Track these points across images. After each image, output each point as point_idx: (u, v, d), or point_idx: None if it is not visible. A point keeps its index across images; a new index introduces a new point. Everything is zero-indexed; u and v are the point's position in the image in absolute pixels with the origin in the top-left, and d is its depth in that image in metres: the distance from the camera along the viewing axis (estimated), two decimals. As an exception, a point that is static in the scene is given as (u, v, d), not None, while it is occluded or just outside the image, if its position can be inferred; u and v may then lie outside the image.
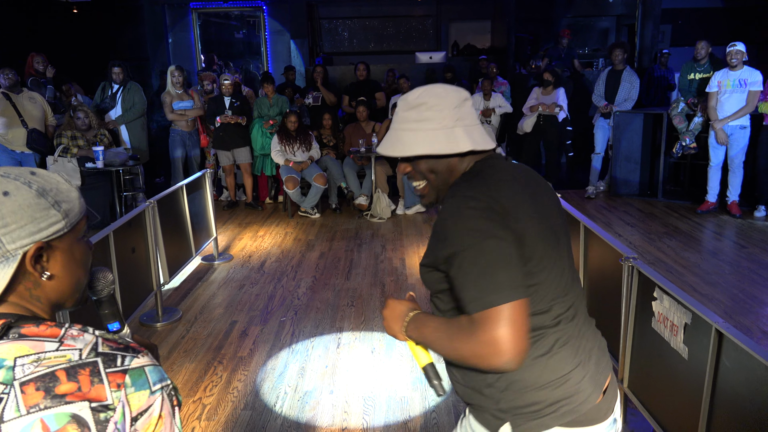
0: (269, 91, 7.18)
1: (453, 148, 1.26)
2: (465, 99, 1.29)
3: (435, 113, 1.26)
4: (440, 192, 1.34)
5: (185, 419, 2.88)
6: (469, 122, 1.29)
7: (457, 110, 1.27)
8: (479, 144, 1.28)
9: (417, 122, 1.27)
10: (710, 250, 5.35)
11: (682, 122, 6.54)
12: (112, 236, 3.34)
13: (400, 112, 1.30)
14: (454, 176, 1.32)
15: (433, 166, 1.31)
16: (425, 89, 1.29)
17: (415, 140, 1.27)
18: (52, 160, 6.23)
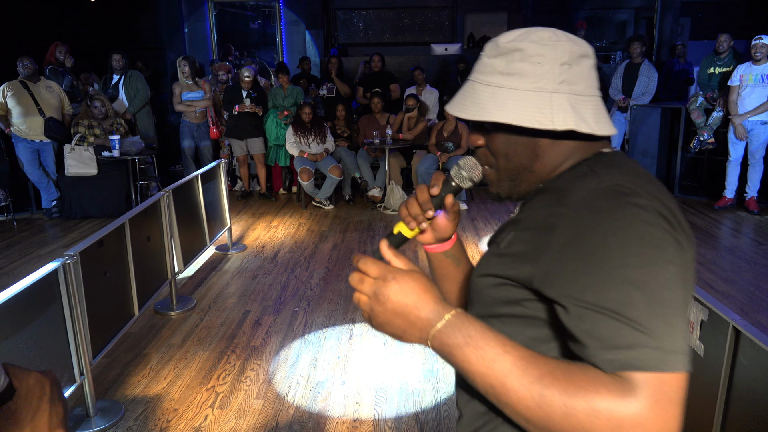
0: (284, 81, 7.19)
1: (543, 120, 0.86)
2: (582, 55, 0.89)
3: (531, 67, 0.87)
4: (516, 184, 0.95)
5: (198, 407, 2.91)
6: (581, 90, 0.88)
7: (566, 69, 0.87)
8: (589, 124, 0.87)
9: (504, 76, 0.89)
10: (727, 247, 5.29)
11: (701, 117, 6.46)
12: (128, 225, 3.37)
13: (485, 57, 0.92)
14: (539, 168, 0.92)
15: (509, 145, 0.92)
16: (526, 31, 0.91)
17: (496, 101, 0.88)
18: (69, 148, 6.29)
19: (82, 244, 2.82)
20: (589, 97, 0.90)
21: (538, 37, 0.89)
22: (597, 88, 0.92)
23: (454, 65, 8.74)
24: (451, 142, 6.69)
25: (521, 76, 0.88)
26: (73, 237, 5.76)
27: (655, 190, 0.81)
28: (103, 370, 3.27)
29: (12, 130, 6.29)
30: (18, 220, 6.32)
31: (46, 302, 2.52)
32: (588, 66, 0.91)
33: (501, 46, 0.91)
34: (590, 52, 0.91)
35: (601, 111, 0.91)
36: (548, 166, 0.93)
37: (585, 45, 0.91)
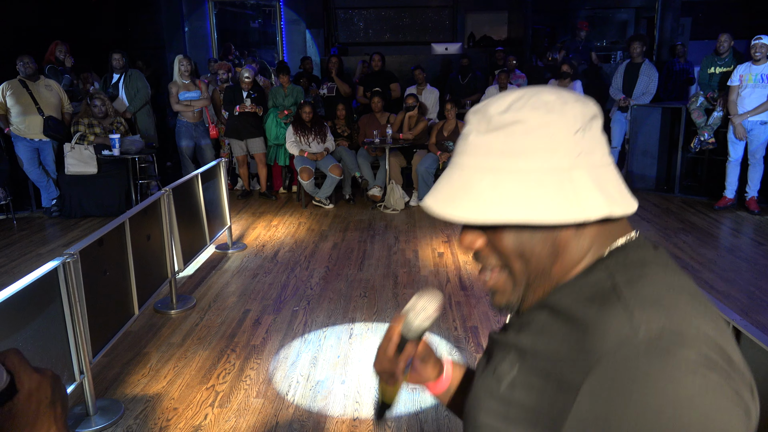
0: (284, 81, 7.19)
1: (571, 210, 0.67)
2: (592, 117, 0.71)
3: (540, 141, 0.68)
4: (530, 292, 0.75)
5: (198, 406, 2.91)
6: (598, 160, 0.70)
7: (580, 137, 0.69)
8: (620, 204, 0.69)
9: (506, 157, 0.69)
10: (727, 247, 5.29)
11: (701, 117, 6.46)
12: (128, 223, 3.36)
13: (473, 134, 0.72)
14: (557, 271, 0.72)
15: (523, 244, 0.71)
16: (522, 95, 0.71)
17: (501, 192, 0.68)
18: (69, 147, 6.29)
19: (82, 243, 2.82)
20: (607, 167, 0.71)
21: (541, 102, 0.69)
22: (609, 154, 0.73)
23: (456, 63, 8.74)
24: (451, 142, 6.69)
25: (529, 154, 0.68)
26: (73, 236, 5.75)
27: (703, 319, 0.62)
28: (103, 369, 3.27)
29: (11, 129, 6.29)
30: (18, 219, 6.31)
31: (46, 301, 2.52)
32: (599, 129, 0.73)
33: (494, 118, 0.70)
34: (598, 111, 0.73)
35: (620, 182, 0.72)
36: (567, 266, 0.72)
37: (592, 104, 0.73)
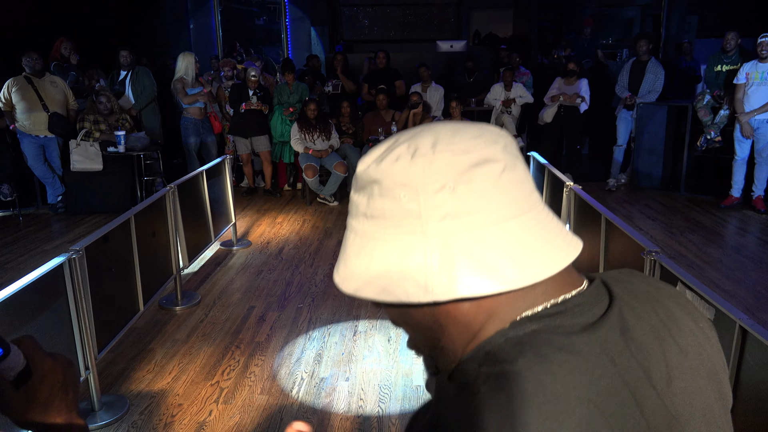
0: (289, 78, 7.19)
1: (413, 290, 0.58)
2: (476, 163, 0.57)
3: (393, 204, 0.59)
4: (438, 359, 0.65)
5: (203, 402, 2.92)
6: (485, 220, 0.57)
7: (447, 195, 0.57)
8: (502, 275, 0.57)
9: (367, 221, 0.61)
10: (733, 246, 5.27)
11: (708, 115, 6.43)
12: (134, 220, 3.37)
13: (352, 191, 0.65)
14: (448, 345, 0.62)
15: (404, 315, 0.64)
16: (391, 144, 0.61)
17: (362, 261, 0.61)
18: (75, 144, 6.30)
19: (88, 240, 2.83)
20: (501, 224, 0.57)
21: (397, 155, 0.59)
22: (521, 205, 0.58)
23: (460, 62, 8.72)
24: (456, 140, 6.67)
25: (384, 218, 0.59)
26: (79, 232, 5.77)
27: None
28: (108, 365, 3.28)
29: (17, 125, 6.30)
30: (24, 215, 6.34)
31: (52, 297, 2.53)
32: (491, 176, 0.57)
33: (357, 177, 0.62)
34: (492, 152, 0.58)
35: (529, 240, 0.58)
36: (459, 341, 0.61)
37: (482, 144, 0.58)
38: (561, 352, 0.55)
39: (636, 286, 0.65)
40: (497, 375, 0.54)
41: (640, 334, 0.60)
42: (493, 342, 0.58)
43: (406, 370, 3.21)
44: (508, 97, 7.61)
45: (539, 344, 0.55)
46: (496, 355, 0.56)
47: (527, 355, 0.54)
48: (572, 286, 0.62)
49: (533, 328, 0.57)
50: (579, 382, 0.53)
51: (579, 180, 4.85)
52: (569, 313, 0.59)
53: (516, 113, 7.66)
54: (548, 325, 0.57)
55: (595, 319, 0.59)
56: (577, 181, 3.82)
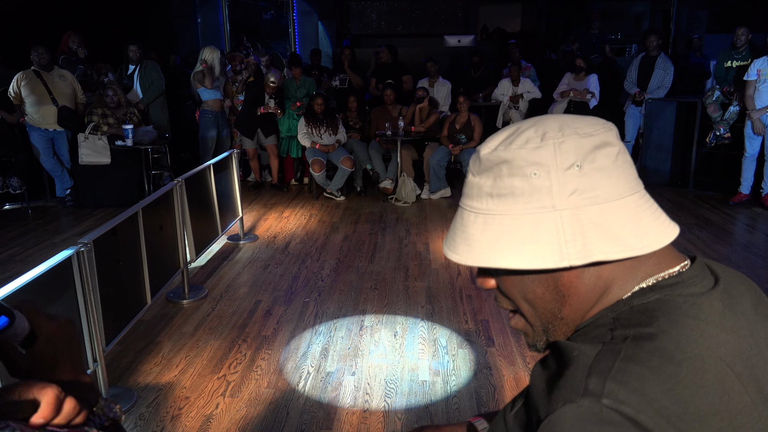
0: (296, 73, 7.19)
1: (550, 256, 0.64)
2: (597, 146, 0.65)
3: (525, 181, 0.65)
4: (551, 333, 0.71)
5: (209, 395, 2.93)
6: (605, 195, 0.64)
7: (576, 173, 0.64)
8: (626, 243, 0.63)
9: (494, 199, 0.66)
10: (742, 243, 5.24)
11: (717, 111, 6.38)
12: (141, 214, 3.38)
13: (470, 174, 0.71)
14: (569, 314, 0.69)
15: (525, 288, 0.70)
16: (515, 129, 0.69)
17: (488, 236, 0.66)
18: (83, 137, 6.33)
19: (96, 233, 2.84)
20: (620, 200, 0.64)
21: (528, 138, 0.65)
22: (632, 184, 0.65)
23: (467, 58, 8.69)
24: (463, 135, 6.66)
25: (515, 196, 0.65)
26: (87, 225, 5.80)
27: (680, 396, 0.56)
28: (116, 358, 3.30)
29: (26, 119, 6.33)
30: (32, 208, 6.37)
31: (60, 289, 2.54)
32: (610, 157, 0.65)
33: (483, 159, 0.68)
34: (609, 137, 0.66)
35: (643, 215, 0.64)
36: (580, 308, 0.68)
37: (601, 129, 0.66)
38: (690, 318, 0.61)
39: (728, 269, 0.72)
40: (635, 336, 0.60)
41: (745, 308, 0.67)
42: (618, 309, 0.65)
43: (412, 365, 3.21)
44: (515, 93, 7.58)
45: (669, 311, 0.62)
46: (627, 320, 0.63)
47: (660, 320, 0.61)
48: (678, 261, 0.69)
49: (657, 297, 0.64)
50: (710, 343, 0.60)
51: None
52: (685, 284, 0.65)
53: (523, 109, 7.63)
54: (669, 294, 0.64)
55: (706, 290, 0.65)
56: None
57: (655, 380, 0.57)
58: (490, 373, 3.09)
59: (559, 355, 0.65)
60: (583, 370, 0.59)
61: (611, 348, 0.60)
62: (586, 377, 0.58)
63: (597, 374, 0.58)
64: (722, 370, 0.59)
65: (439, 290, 4.16)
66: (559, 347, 0.65)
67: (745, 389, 0.59)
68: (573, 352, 0.63)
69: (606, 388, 0.57)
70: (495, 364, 3.17)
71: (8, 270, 4.60)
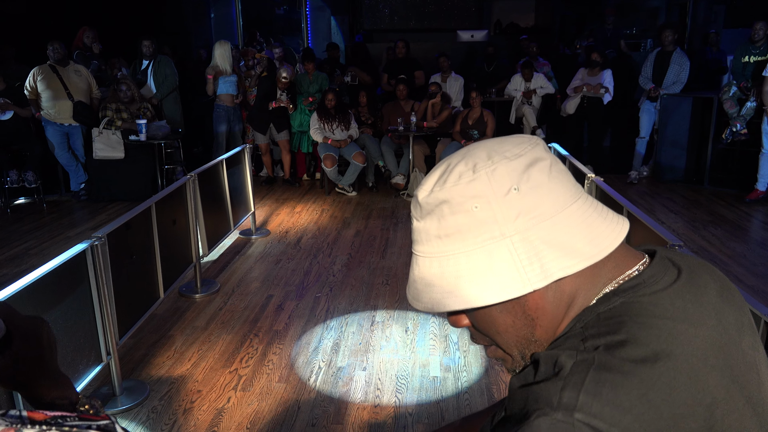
0: (309, 68, 7.18)
1: (513, 285, 0.64)
2: (529, 164, 0.64)
3: (468, 217, 0.64)
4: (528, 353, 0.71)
5: (221, 389, 2.95)
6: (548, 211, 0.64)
7: (515, 196, 0.63)
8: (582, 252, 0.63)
9: (442, 240, 0.66)
10: (758, 241, 5.17)
11: (734, 107, 6.30)
12: (154, 208, 3.40)
13: (414, 221, 0.70)
14: (541, 335, 0.69)
15: (494, 319, 0.69)
16: (446, 167, 0.67)
17: (447, 277, 0.66)
18: (97, 132, 6.38)
19: (110, 227, 2.86)
20: (564, 211, 0.64)
21: (458, 173, 0.65)
22: (572, 192, 0.65)
23: (481, 53, 8.64)
24: (476, 130, 6.63)
25: (462, 233, 0.64)
26: (101, 219, 5.85)
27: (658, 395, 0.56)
28: (129, 351, 3.32)
29: (42, 113, 6.39)
30: (47, 202, 6.44)
31: (75, 283, 2.56)
32: (544, 172, 0.64)
33: (422, 203, 0.67)
34: (538, 152, 0.65)
35: (591, 220, 0.64)
36: (551, 327, 0.68)
37: (528, 147, 0.65)
38: (656, 318, 0.62)
39: (689, 259, 0.72)
40: (607, 345, 0.60)
41: (710, 296, 0.67)
42: (585, 318, 0.65)
43: (423, 360, 3.21)
44: (528, 88, 7.53)
45: (635, 314, 0.62)
46: (596, 329, 0.63)
47: (628, 324, 0.61)
48: (636, 259, 0.69)
49: (621, 300, 0.64)
50: (680, 340, 0.60)
51: (600, 172, 4.79)
52: (647, 284, 0.65)
53: (537, 104, 7.58)
54: (633, 296, 0.64)
55: (668, 285, 0.65)
56: (598, 173, 3.77)
57: (629, 387, 0.57)
58: (501, 370, 3.08)
59: (536, 366, 0.64)
60: (557, 382, 0.59)
61: (584, 358, 0.60)
62: (560, 390, 0.58)
63: (571, 387, 0.58)
64: (695, 366, 0.59)
65: (451, 286, 4.14)
66: (536, 358, 0.65)
67: (721, 380, 0.60)
68: (548, 363, 0.62)
69: (579, 401, 0.57)
70: (506, 361, 3.16)
71: (23, 263, 4.65)
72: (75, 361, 2.52)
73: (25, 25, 7.49)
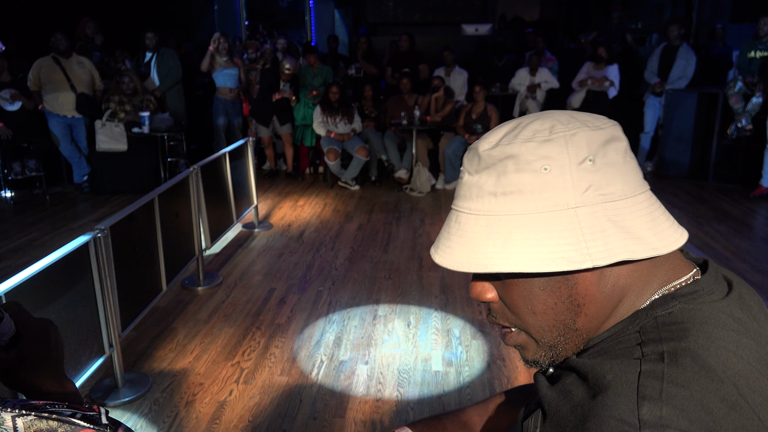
0: (311, 60, 7.16)
1: (573, 255, 0.58)
2: (607, 140, 0.60)
3: (535, 177, 0.59)
4: (558, 351, 0.65)
5: (223, 382, 2.95)
6: (619, 192, 0.59)
7: (589, 168, 0.59)
8: (647, 242, 0.59)
9: (498, 198, 0.60)
10: (762, 237, 5.15)
11: (739, 102, 6.26)
12: (157, 200, 3.40)
13: (466, 174, 0.64)
14: (584, 324, 0.63)
15: (533, 296, 0.63)
16: (518, 123, 0.63)
17: (494, 238, 0.60)
18: (100, 124, 6.37)
19: (113, 219, 2.86)
20: (633, 197, 0.59)
21: (533, 131, 0.60)
22: (641, 182, 0.61)
23: (485, 44, 8.60)
24: (479, 125, 6.61)
25: (523, 194, 0.59)
26: (104, 211, 5.85)
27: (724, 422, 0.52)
28: (132, 343, 3.33)
29: (45, 105, 6.39)
30: (51, 194, 6.44)
31: (78, 275, 2.56)
32: (620, 152, 0.60)
33: (483, 155, 0.61)
34: (617, 131, 0.62)
35: (657, 214, 0.60)
36: (596, 318, 0.62)
37: (608, 124, 0.62)
38: (720, 329, 0.58)
39: (732, 274, 0.68)
40: (672, 353, 0.56)
41: (755, 313, 0.63)
42: (640, 320, 0.60)
43: (425, 355, 3.20)
44: (533, 82, 7.50)
45: (699, 322, 0.58)
46: (656, 334, 0.58)
47: (693, 332, 0.57)
48: (690, 267, 0.65)
49: (680, 306, 0.60)
50: (746, 356, 0.57)
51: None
52: (705, 292, 0.61)
53: (541, 99, 7.55)
54: (693, 303, 0.60)
55: (722, 297, 0.62)
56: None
57: (711, 405, 0.52)
58: (503, 365, 3.08)
59: (584, 378, 0.58)
60: (629, 397, 0.53)
61: (651, 369, 0.55)
62: (636, 406, 0.52)
63: (649, 401, 0.52)
64: (764, 385, 0.56)
65: (453, 281, 4.14)
66: (582, 369, 0.59)
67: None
68: (606, 376, 0.56)
69: (664, 417, 0.51)
70: (509, 356, 3.15)
71: (26, 255, 4.66)
72: (78, 353, 2.53)
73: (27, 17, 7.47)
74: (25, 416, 0.52)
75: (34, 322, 0.73)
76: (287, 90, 6.89)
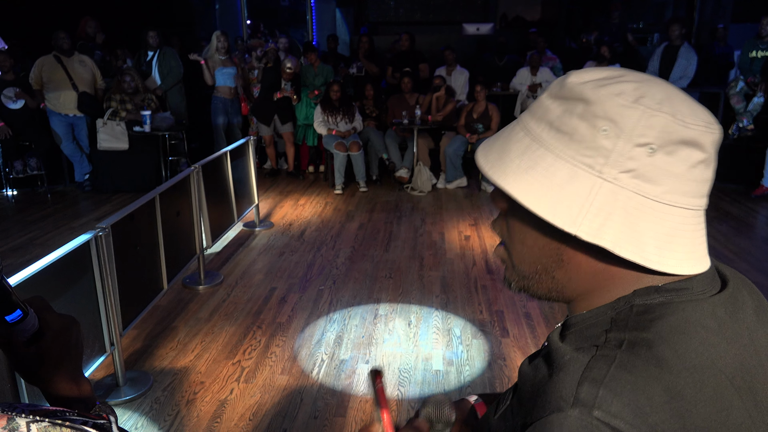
0: (312, 59, 7.16)
1: (563, 214, 0.57)
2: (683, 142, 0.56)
3: (590, 131, 0.57)
4: (529, 282, 0.67)
5: (224, 380, 2.95)
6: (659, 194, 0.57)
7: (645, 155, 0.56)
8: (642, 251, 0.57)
9: (551, 130, 0.60)
10: (763, 237, 5.15)
11: (741, 102, 6.26)
12: (158, 199, 3.40)
13: (545, 95, 0.63)
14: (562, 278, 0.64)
15: (526, 233, 0.65)
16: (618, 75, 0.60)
17: (522, 162, 0.60)
18: (102, 123, 6.37)
19: (114, 217, 2.86)
20: (667, 206, 0.57)
21: (621, 90, 0.57)
22: (690, 200, 0.58)
23: (487, 43, 8.59)
24: (480, 124, 6.61)
25: (572, 139, 0.58)
26: (105, 210, 5.86)
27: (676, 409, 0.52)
28: (133, 342, 3.33)
29: (46, 104, 6.39)
30: (52, 193, 6.45)
31: (79, 273, 2.57)
32: (688, 160, 0.56)
33: (566, 86, 0.60)
34: (704, 139, 0.57)
35: (679, 235, 0.57)
36: (576, 284, 0.63)
37: (700, 127, 0.57)
38: (690, 324, 0.57)
39: (734, 272, 0.67)
40: (631, 341, 0.57)
41: (747, 314, 0.62)
42: (618, 308, 0.60)
43: (425, 354, 3.21)
44: (534, 82, 7.50)
45: (669, 314, 0.58)
46: (624, 322, 0.59)
47: (658, 324, 0.57)
48: None
49: (661, 299, 0.59)
50: (710, 353, 0.56)
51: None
52: (693, 290, 0.60)
53: (542, 98, 7.54)
54: (674, 298, 0.59)
55: (710, 295, 0.61)
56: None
57: (652, 392, 0.53)
58: (504, 364, 3.08)
59: (549, 356, 0.61)
60: (573, 376, 0.55)
61: (605, 354, 0.56)
62: (577, 385, 0.54)
63: (589, 382, 0.54)
64: (722, 383, 0.55)
65: (454, 280, 4.14)
66: (551, 348, 0.61)
67: (743, 404, 0.56)
68: (565, 356, 0.58)
69: (598, 398, 0.52)
70: (509, 355, 3.16)
71: (28, 253, 4.66)
72: (79, 352, 2.53)
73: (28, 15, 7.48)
74: (39, 422, 0.53)
75: (57, 319, 0.72)
76: (288, 89, 6.90)
